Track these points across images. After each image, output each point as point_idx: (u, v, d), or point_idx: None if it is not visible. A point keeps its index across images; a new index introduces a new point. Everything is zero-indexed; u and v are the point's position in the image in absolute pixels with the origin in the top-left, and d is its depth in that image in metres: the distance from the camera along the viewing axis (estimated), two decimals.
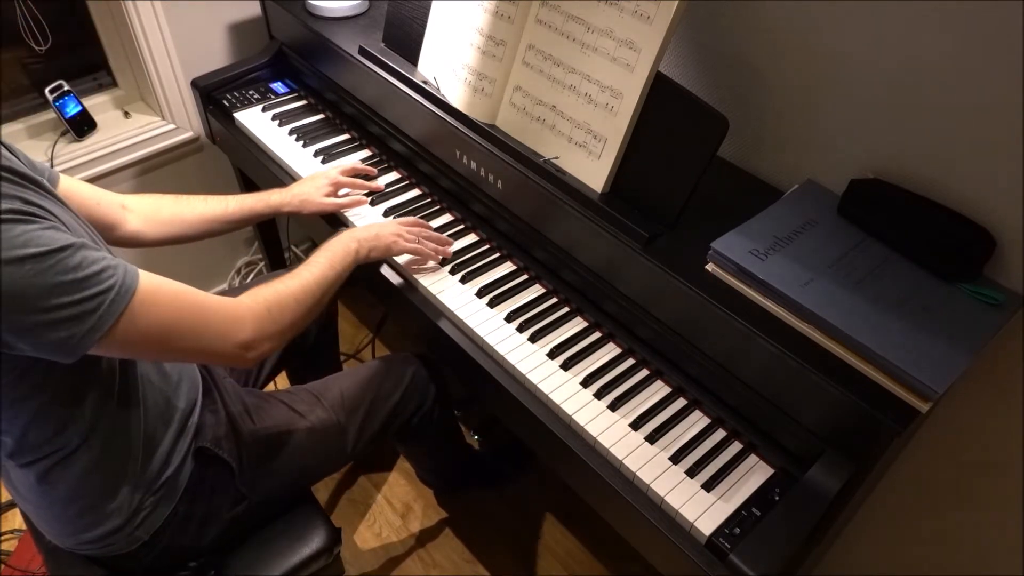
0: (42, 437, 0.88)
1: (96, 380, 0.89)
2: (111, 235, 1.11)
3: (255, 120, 1.56)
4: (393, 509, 1.72)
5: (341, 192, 1.34)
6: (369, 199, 1.36)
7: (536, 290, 1.23)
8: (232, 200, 1.23)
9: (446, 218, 1.35)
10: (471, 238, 1.32)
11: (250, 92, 1.63)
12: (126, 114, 1.76)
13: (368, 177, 1.40)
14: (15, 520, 1.65)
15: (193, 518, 1.02)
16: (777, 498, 0.94)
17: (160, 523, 0.99)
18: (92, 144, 1.67)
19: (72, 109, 1.64)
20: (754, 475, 0.98)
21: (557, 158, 1.16)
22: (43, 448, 0.88)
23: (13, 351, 0.74)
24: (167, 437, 0.98)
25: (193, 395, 1.05)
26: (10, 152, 0.88)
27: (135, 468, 0.95)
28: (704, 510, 0.93)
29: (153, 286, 0.80)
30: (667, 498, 0.94)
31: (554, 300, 1.21)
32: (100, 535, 0.96)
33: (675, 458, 0.99)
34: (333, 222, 1.36)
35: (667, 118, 1.04)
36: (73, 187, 1.04)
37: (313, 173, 1.35)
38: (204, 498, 1.03)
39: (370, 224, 1.21)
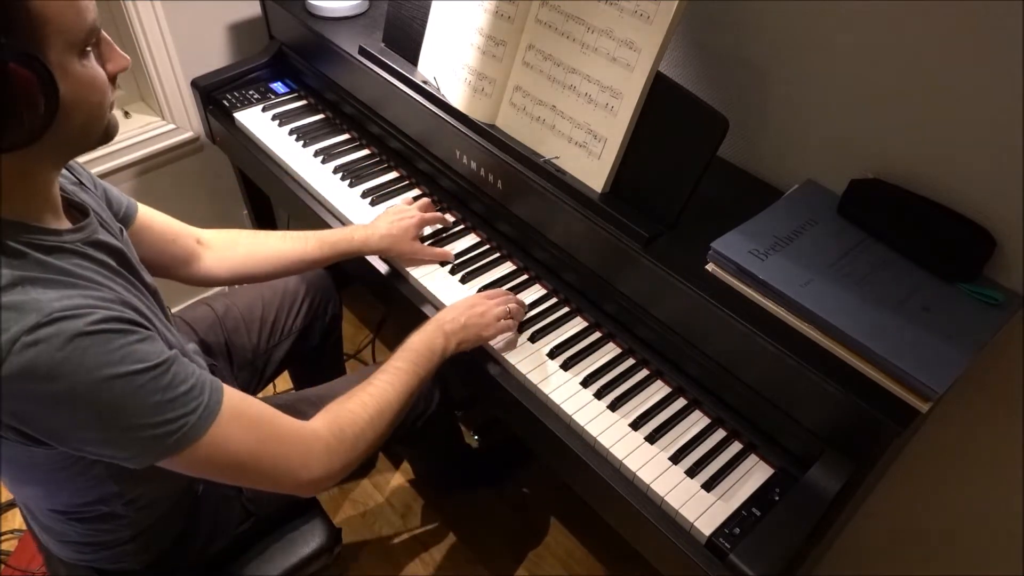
0: (78, 503, 0.86)
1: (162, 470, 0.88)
2: (183, 271, 1.08)
3: (255, 120, 1.56)
4: (393, 509, 1.72)
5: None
6: (454, 256, 1.27)
7: (536, 290, 1.23)
8: (311, 237, 1.17)
9: (446, 218, 1.35)
10: (471, 238, 1.32)
11: (250, 92, 1.63)
12: (126, 114, 1.76)
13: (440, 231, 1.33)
14: (15, 520, 1.65)
15: (199, 535, 1.02)
16: (777, 498, 0.94)
17: (169, 542, 0.98)
18: None
19: None
20: (754, 475, 0.98)
21: (557, 158, 1.16)
22: (77, 509, 0.88)
23: (85, 454, 0.72)
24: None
25: None
26: (91, 187, 0.87)
27: (163, 511, 0.95)
28: (704, 510, 0.93)
29: (234, 410, 0.77)
30: (667, 498, 0.94)
31: (554, 300, 1.21)
32: (109, 557, 0.95)
33: (675, 458, 0.99)
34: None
35: (667, 118, 1.04)
36: (150, 219, 1.02)
37: (397, 208, 1.26)
38: (210, 515, 1.02)
39: (455, 307, 1.09)
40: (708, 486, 0.96)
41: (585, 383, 1.07)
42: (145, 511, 0.92)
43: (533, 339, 1.13)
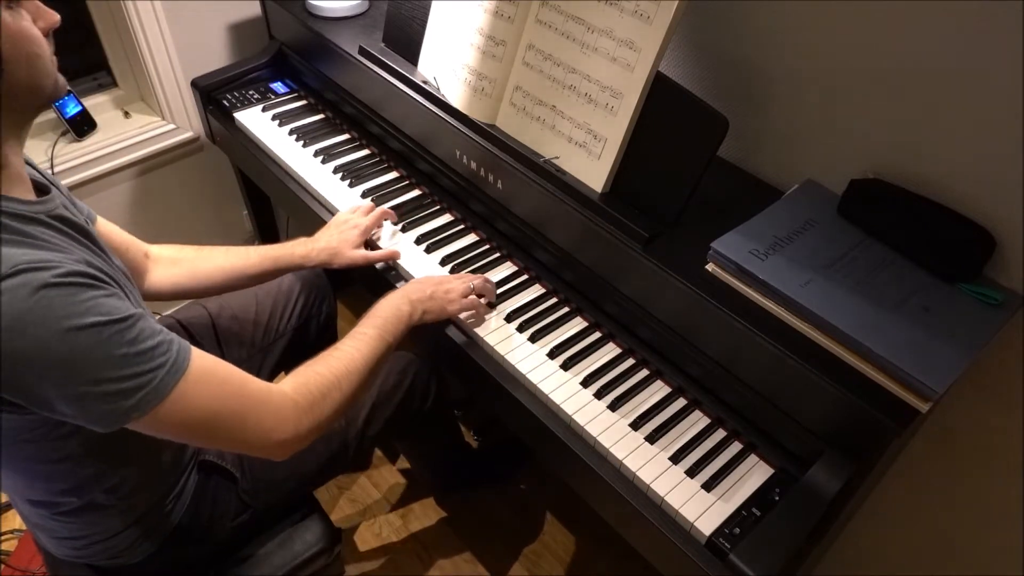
0: (57, 490, 0.87)
1: (133, 446, 0.89)
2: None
3: (255, 120, 1.56)
4: (393, 509, 1.72)
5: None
6: (400, 256, 1.27)
7: (536, 290, 1.23)
8: (253, 252, 1.19)
9: (446, 218, 1.35)
10: (471, 238, 1.32)
11: (250, 92, 1.63)
12: (126, 114, 1.76)
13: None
14: (15, 520, 1.65)
15: (197, 528, 1.02)
16: (777, 498, 0.94)
17: (166, 535, 0.99)
18: (92, 144, 1.67)
19: (72, 109, 1.64)
20: (754, 475, 0.98)
21: (557, 158, 1.16)
22: (56, 498, 0.88)
23: (54, 415, 0.72)
24: (179, 462, 0.99)
25: None
26: (61, 195, 0.89)
27: (150, 501, 0.96)
28: (704, 510, 0.93)
29: (203, 369, 0.77)
30: (667, 498, 0.94)
31: (554, 300, 1.21)
32: (109, 555, 0.96)
33: (675, 458, 0.99)
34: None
35: (667, 118, 1.04)
36: (107, 228, 1.03)
37: (340, 218, 1.27)
38: (207, 509, 1.03)
39: (422, 280, 1.12)
40: (708, 486, 0.96)
41: (585, 383, 1.07)
42: (130, 499, 0.92)
43: (533, 339, 1.13)
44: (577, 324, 1.17)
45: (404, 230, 1.31)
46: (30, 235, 0.70)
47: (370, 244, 1.29)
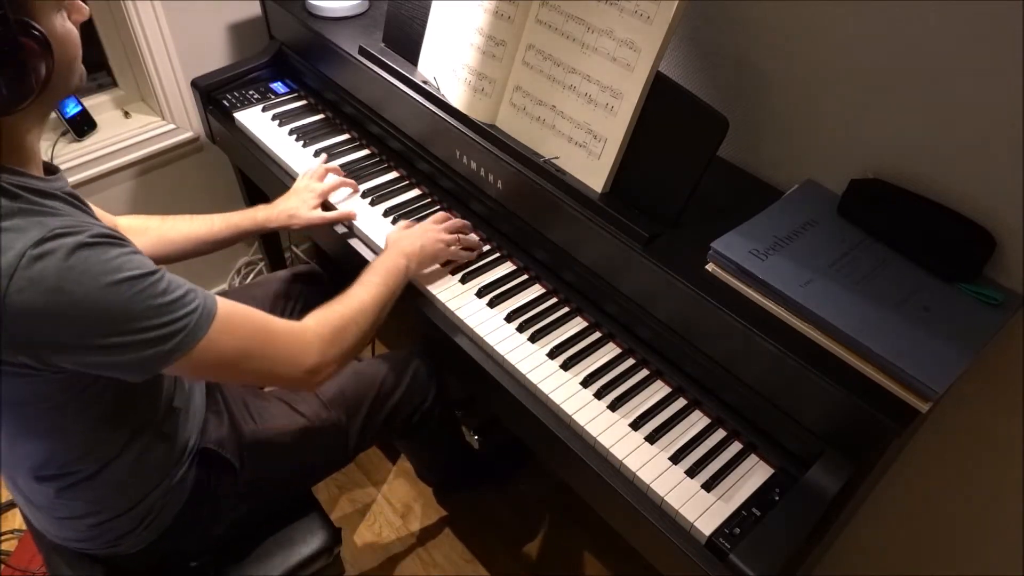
0: (71, 458, 0.88)
1: (137, 407, 0.91)
2: None
3: (255, 120, 1.56)
4: (393, 509, 1.72)
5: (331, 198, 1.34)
6: (356, 215, 1.33)
7: (536, 290, 1.23)
8: (217, 219, 1.23)
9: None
10: (471, 237, 1.31)
11: (250, 92, 1.63)
12: (126, 114, 1.76)
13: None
14: (15, 520, 1.65)
15: (197, 519, 1.02)
16: (777, 498, 0.94)
17: (167, 525, 0.99)
18: (92, 144, 1.67)
19: (72, 109, 1.64)
20: (754, 475, 0.98)
21: (557, 158, 1.16)
22: (70, 467, 0.89)
23: (89, 369, 0.75)
24: (178, 444, 1.00)
25: (201, 398, 1.06)
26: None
27: (154, 481, 0.96)
28: (704, 510, 0.93)
29: (229, 310, 0.83)
30: (667, 498, 0.94)
31: (554, 300, 1.21)
32: (109, 540, 0.96)
33: (675, 458, 0.99)
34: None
35: (667, 118, 1.04)
36: None
37: (299, 185, 1.34)
38: (208, 499, 1.03)
39: (409, 233, 1.19)
40: (708, 486, 0.96)
41: (585, 383, 1.07)
42: (135, 467, 0.93)
43: (533, 339, 1.13)
44: (577, 324, 1.17)
45: None
46: (51, 208, 0.74)
47: (327, 207, 1.36)
